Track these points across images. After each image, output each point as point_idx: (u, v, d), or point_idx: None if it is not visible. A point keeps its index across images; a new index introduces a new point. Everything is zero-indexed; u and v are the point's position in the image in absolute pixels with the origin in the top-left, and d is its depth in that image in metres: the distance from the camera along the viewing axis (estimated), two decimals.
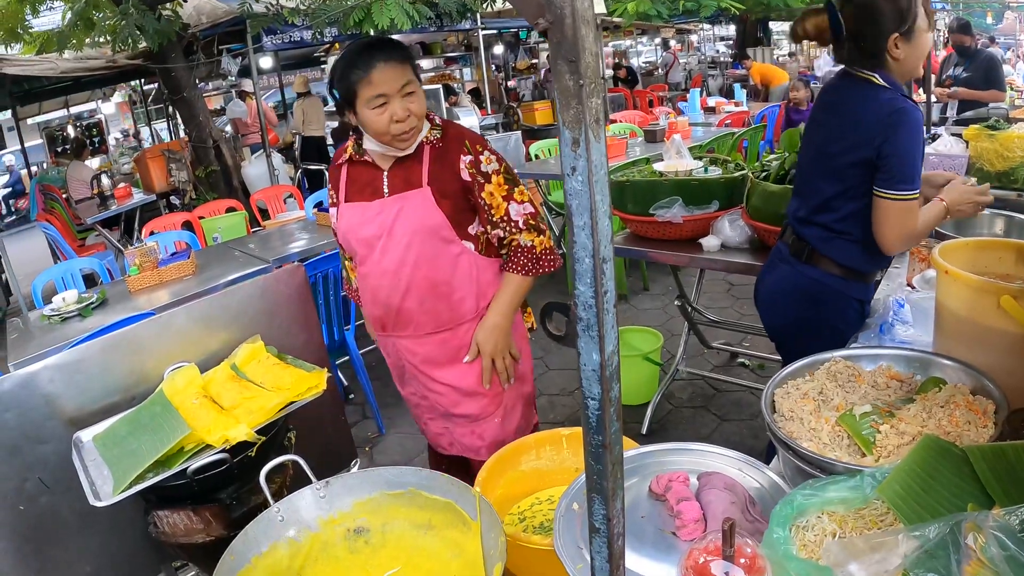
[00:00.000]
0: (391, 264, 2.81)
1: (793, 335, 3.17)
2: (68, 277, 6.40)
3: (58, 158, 15.30)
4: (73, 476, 2.47)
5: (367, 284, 2.93)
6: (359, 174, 2.88)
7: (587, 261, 0.82)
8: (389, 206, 2.78)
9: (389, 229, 2.78)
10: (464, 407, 2.99)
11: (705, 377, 5.59)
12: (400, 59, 2.61)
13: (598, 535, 0.99)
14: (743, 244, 4.17)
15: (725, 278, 7.44)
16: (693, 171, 4.72)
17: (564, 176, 0.81)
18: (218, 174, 10.71)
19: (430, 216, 2.74)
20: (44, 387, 2.64)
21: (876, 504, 1.43)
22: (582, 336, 0.85)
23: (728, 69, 20.51)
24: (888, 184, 2.66)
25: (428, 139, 2.78)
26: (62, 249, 9.25)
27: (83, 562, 2.77)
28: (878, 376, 2.00)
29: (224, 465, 2.33)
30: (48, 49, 9.50)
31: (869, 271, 2.96)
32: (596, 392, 0.87)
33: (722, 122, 9.96)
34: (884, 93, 2.71)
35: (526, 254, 2.84)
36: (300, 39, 10.41)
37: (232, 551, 1.85)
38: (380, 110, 2.62)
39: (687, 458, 1.85)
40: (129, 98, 21.20)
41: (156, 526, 2.50)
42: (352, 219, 2.86)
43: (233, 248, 6.16)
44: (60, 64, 9.75)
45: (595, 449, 0.92)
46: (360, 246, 2.86)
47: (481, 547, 1.76)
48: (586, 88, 0.78)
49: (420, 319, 2.88)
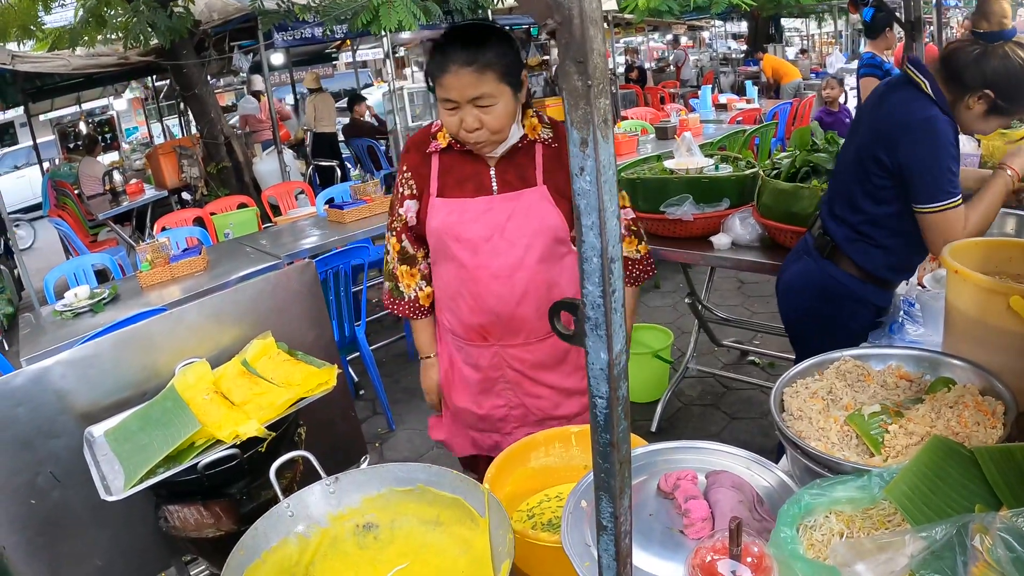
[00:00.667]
0: (504, 268, 2.61)
1: (806, 329, 3.20)
2: (80, 273, 6.44)
3: (70, 154, 15.38)
4: (84, 471, 2.48)
5: (467, 290, 2.69)
6: (459, 165, 2.66)
7: (595, 260, 0.83)
8: (499, 204, 2.59)
9: (501, 229, 2.59)
10: (565, 408, 2.87)
11: (715, 375, 5.61)
12: (480, 66, 2.35)
13: (605, 533, 1.00)
14: (754, 242, 4.17)
15: (736, 276, 7.46)
16: (704, 169, 4.72)
17: (572, 176, 0.81)
18: (229, 170, 10.74)
19: (549, 216, 2.58)
20: (56, 382, 2.65)
21: (884, 504, 1.44)
22: (590, 335, 0.86)
23: (740, 66, 20.50)
24: (922, 199, 2.68)
25: (540, 137, 2.62)
26: (74, 245, 9.30)
27: (94, 556, 2.78)
28: (887, 376, 2.00)
29: (234, 460, 2.33)
30: (60, 46, 9.55)
31: (889, 279, 2.95)
32: (604, 391, 0.87)
33: (733, 119, 9.96)
34: (923, 102, 2.69)
35: (628, 265, 2.76)
36: (311, 35, 10.43)
37: (242, 546, 1.85)
38: (451, 113, 2.45)
39: (695, 456, 1.85)
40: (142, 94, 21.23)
41: (167, 520, 2.51)
42: (450, 216, 2.63)
43: (244, 244, 6.20)
44: (72, 61, 9.79)
45: (603, 448, 0.92)
46: (461, 248, 2.64)
47: (489, 544, 1.77)
48: (594, 89, 0.79)
49: (535, 325, 2.70)
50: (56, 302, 5.11)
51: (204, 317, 2.89)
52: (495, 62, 2.37)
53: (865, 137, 2.88)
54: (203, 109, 10.52)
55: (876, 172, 2.79)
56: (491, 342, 2.77)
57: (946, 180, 2.64)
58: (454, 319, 2.81)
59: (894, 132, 2.71)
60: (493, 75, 2.37)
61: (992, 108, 2.64)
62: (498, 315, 2.67)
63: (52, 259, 8.20)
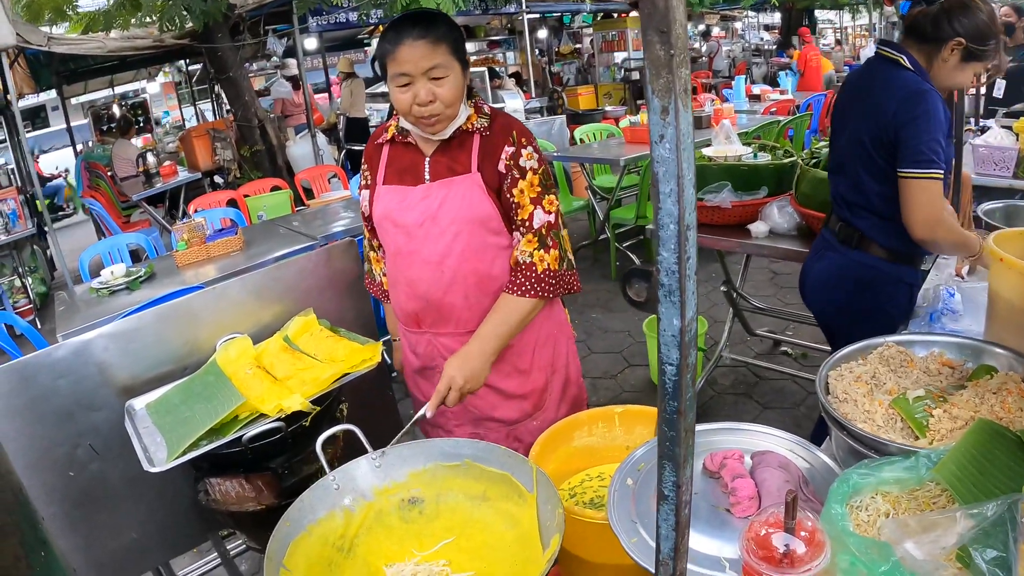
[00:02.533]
0: (434, 254, 2.60)
1: (844, 322, 3.19)
2: (115, 252, 6.48)
3: (104, 136, 15.46)
4: (123, 444, 2.51)
5: (403, 275, 2.71)
6: (400, 156, 2.69)
7: (672, 227, 0.84)
8: (434, 191, 2.58)
9: (433, 215, 2.58)
10: (502, 411, 2.79)
11: (748, 364, 5.60)
12: (433, 39, 2.37)
13: (666, 502, 1.00)
14: (791, 231, 4.16)
15: (769, 267, 7.43)
16: (742, 157, 4.71)
17: (652, 144, 0.82)
18: (263, 153, 10.80)
19: (480, 204, 2.55)
20: (98, 355, 2.68)
21: (930, 486, 1.44)
22: (663, 301, 0.87)
23: (772, 57, 20.38)
24: (907, 163, 2.73)
25: (476, 127, 2.57)
26: (108, 225, 9.36)
27: (130, 529, 2.81)
28: (930, 362, 2.00)
29: (279, 434, 2.36)
30: (94, 28, 9.60)
31: (916, 253, 2.97)
32: (675, 357, 0.88)
33: (767, 110, 9.91)
34: (906, 75, 2.79)
35: (524, 272, 2.57)
36: (345, 20, 10.46)
37: (288, 518, 1.87)
38: (403, 89, 2.42)
39: (738, 438, 1.85)
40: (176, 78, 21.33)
41: (207, 494, 2.53)
42: (390, 203, 2.66)
43: (279, 225, 6.22)
44: (107, 43, 9.82)
45: (669, 415, 0.93)
46: (398, 233, 2.66)
47: (537, 519, 1.78)
48: (676, 58, 0.79)
49: (463, 315, 2.65)
50: (91, 280, 5.15)
51: (246, 293, 2.91)
52: (447, 35, 2.41)
53: (859, 122, 2.94)
54: (237, 92, 10.58)
55: (878, 152, 2.85)
56: (424, 329, 2.77)
57: (931, 149, 2.69)
58: (396, 304, 2.84)
59: (889, 106, 2.78)
60: (446, 47, 2.40)
61: (966, 54, 2.75)
62: (428, 301, 2.67)
63: (83, 241, 8.26)
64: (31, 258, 9.72)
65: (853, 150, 2.97)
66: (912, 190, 2.72)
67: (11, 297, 8.52)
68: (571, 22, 22.81)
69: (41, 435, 2.57)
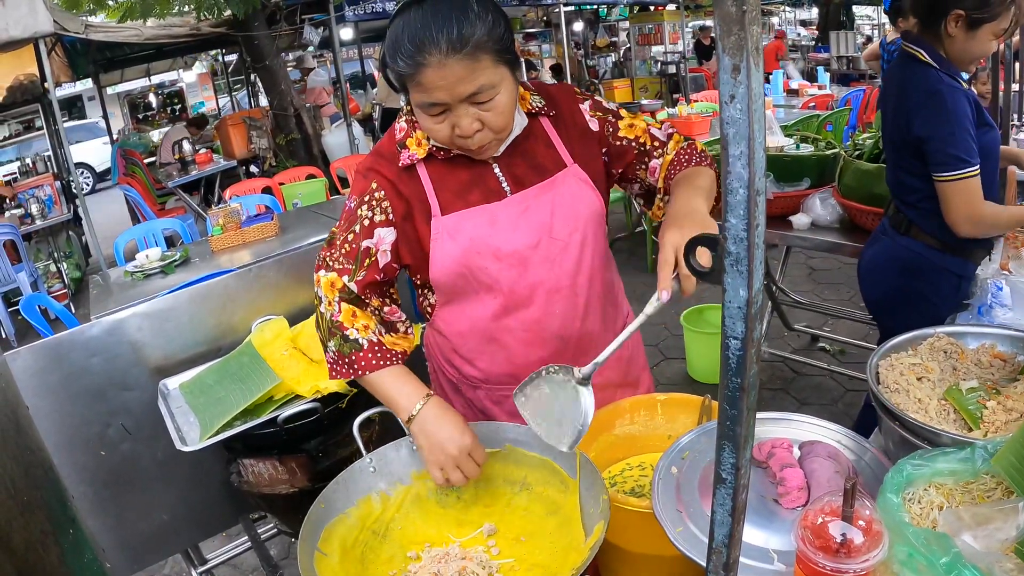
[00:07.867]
0: (563, 277, 2.04)
1: (888, 308, 3.22)
2: (150, 236, 6.52)
3: (139, 124, 15.59)
4: (155, 424, 2.50)
5: (518, 320, 2.07)
6: (451, 174, 1.99)
7: (741, 192, 0.79)
8: (533, 201, 2.00)
9: (548, 229, 2.00)
10: None
11: (785, 359, 5.53)
12: (471, 52, 1.69)
13: (723, 486, 0.96)
14: (833, 223, 4.11)
15: (806, 263, 7.37)
16: (784, 148, 4.65)
17: (721, 104, 0.78)
18: (298, 142, 10.84)
19: (592, 200, 2.04)
20: (132, 335, 2.68)
21: (985, 479, 1.40)
22: (729, 271, 0.83)
23: (810, 52, 20.25)
24: (937, 167, 2.73)
25: (535, 107, 2.03)
26: (142, 211, 9.43)
27: (160, 510, 2.81)
28: (982, 354, 1.95)
29: (315, 415, 2.34)
30: (132, 17, 9.62)
31: (966, 247, 2.94)
32: (740, 331, 0.84)
33: (806, 104, 9.82)
34: (923, 73, 2.77)
35: (688, 151, 2.10)
36: (382, 10, 10.43)
37: (323, 499, 1.84)
38: (438, 119, 1.81)
39: (784, 429, 1.81)
40: (211, 68, 21.43)
41: (240, 475, 2.52)
42: (479, 231, 1.97)
43: (316, 212, 6.22)
44: (144, 31, 9.86)
45: (732, 393, 0.89)
46: (504, 268, 2.00)
47: (579, 506, 1.74)
48: (748, 14, 0.75)
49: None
50: (126, 264, 5.17)
51: (282, 275, 2.90)
52: (487, 37, 1.72)
53: (889, 124, 3.00)
54: (273, 81, 10.62)
55: (908, 152, 2.87)
56: None
57: (957, 148, 2.68)
58: (483, 369, 2.19)
59: (908, 107, 2.80)
60: (489, 57, 1.73)
61: (971, 22, 2.67)
62: (564, 339, 2.10)
63: (117, 228, 8.29)
64: (67, 243, 9.80)
65: (888, 148, 3.06)
66: (947, 192, 2.73)
67: (47, 282, 8.57)
68: (607, 15, 22.78)
69: (73, 413, 2.57)
